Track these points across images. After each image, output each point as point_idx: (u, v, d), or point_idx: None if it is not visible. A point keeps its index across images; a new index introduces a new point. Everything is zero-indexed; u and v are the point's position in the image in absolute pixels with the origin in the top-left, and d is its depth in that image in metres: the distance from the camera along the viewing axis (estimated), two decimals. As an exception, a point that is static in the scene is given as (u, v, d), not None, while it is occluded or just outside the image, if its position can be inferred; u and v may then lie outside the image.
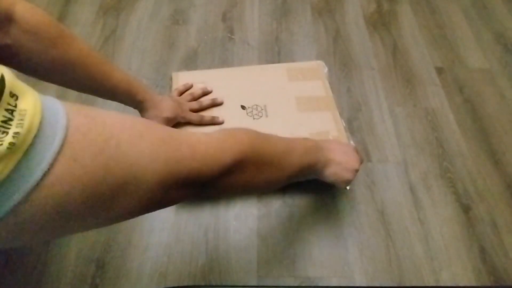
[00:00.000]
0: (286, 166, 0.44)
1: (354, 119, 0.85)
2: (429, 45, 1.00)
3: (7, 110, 0.19)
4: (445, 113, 0.87)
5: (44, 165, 0.20)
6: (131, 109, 0.65)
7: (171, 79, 0.82)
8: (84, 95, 0.61)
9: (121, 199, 0.26)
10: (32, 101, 0.20)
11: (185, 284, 0.64)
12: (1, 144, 0.18)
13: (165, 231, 0.69)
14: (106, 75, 0.57)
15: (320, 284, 0.65)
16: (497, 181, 0.77)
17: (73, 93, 0.60)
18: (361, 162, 0.61)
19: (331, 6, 1.10)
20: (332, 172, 0.56)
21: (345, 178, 0.57)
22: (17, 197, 0.19)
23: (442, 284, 0.65)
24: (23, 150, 0.19)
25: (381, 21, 1.06)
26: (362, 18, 1.07)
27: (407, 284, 0.65)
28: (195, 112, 0.73)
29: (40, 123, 0.20)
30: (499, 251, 0.68)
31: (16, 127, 0.19)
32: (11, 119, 0.19)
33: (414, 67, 0.96)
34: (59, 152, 0.21)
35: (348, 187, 0.72)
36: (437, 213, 0.72)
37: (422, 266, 0.67)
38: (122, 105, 0.64)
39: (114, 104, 0.63)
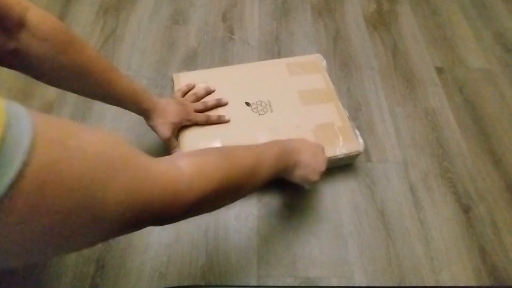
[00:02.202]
0: (255, 182, 0.45)
1: (354, 119, 0.85)
2: (429, 45, 1.00)
3: None
4: (445, 113, 0.87)
5: (2, 189, 0.18)
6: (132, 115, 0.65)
7: (172, 80, 0.82)
8: (83, 98, 0.61)
9: (85, 231, 0.25)
10: None
11: (185, 284, 0.64)
12: None
13: (165, 231, 0.69)
14: (113, 83, 0.57)
15: (320, 284, 0.65)
16: (497, 181, 0.77)
17: (72, 93, 0.60)
18: (325, 162, 0.61)
19: (331, 6, 1.10)
20: (299, 175, 0.57)
21: (311, 180, 0.58)
22: None
23: (442, 284, 0.65)
24: None
25: (381, 21, 1.06)
26: (362, 18, 1.07)
27: (407, 284, 0.65)
28: (200, 112, 0.73)
29: (5, 130, 0.18)
30: (499, 251, 0.68)
31: None
32: None
33: (414, 67, 0.96)
34: (20, 175, 0.19)
35: (311, 187, 0.73)
36: (437, 213, 0.72)
37: (422, 266, 0.67)
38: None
39: (114, 108, 0.63)
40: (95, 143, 0.25)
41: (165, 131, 0.66)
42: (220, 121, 0.73)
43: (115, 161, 0.27)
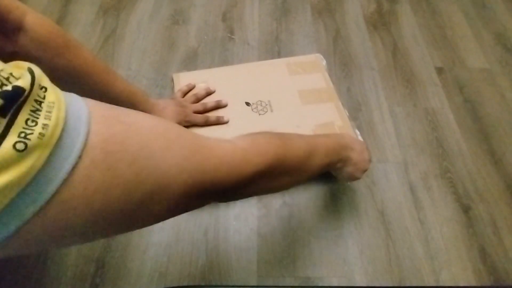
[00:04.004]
0: (307, 170, 0.45)
1: (354, 119, 0.85)
2: (429, 45, 1.00)
3: (36, 101, 0.19)
4: (445, 113, 0.87)
5: (72, 159, 0.20)
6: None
7: (172, 80, 0.82)
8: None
9: (146, 207, 0.26)
10: (57, 95, 0.21)
11: (185, 284, 0.64)
12: (32, 133, 0.18)
13: (165, 231, 0.69)
14: (109, 85, 0.58)
15: (320, 284, 0.65)
16: (497, 181, 0.77)
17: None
18: (370, 161, 0.62)
19: (331, 6, 1.10)
20: (348, 171, 0.57)
21: (356, 177, 0.59)
22: (50, 190, 0.19)
23: (442, 284, 0.65)
24: (53, 143, 0.19)
25: (381, 21, 1.06)
26: (362, 18, 1.07)
27: (407, 284, 0.65)
28: (199, 113, 0.73)
29: (65, 117, 0.20)
30: (499, 251, 0.68)
31: (45, 118, 0.19)
32: (39, 110, 0.19)
33: (414, 67, 0.96)
34: (83, 150, 0.20)
35: (350, 183, 0.74)
36: (437, 213, 0.72)
37: (422, 266, 0.67)
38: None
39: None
40: (146, 119, 0.27)
41: None
42: (219, 122, 0.73)
43: (169, 132, 0.28)
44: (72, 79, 0.54)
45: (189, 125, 0.72)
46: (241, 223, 0.71)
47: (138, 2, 1.09)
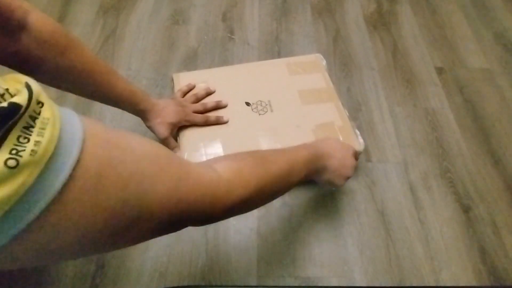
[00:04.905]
0: (287, 186, 0.46)
1: (354, 119, 0.85)
2: (429, 45, 1.00)
3: (30, 116, 0.19)
4: (445, 113, 0.87)
5: (62, 178, 0.20)
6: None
7: (172, 80, 0.82)
8: (83, 98, 0.61)
9: (130, 230, 0.26)
10: (52, 111, 0.20)
11: (185, 284, 0.64)
12: (24, 150, 0.18)
13: (165, 231, 0.69)
14: (110, 85, 0.58)
15: (320, 284, 0.65)
16: (497, 181, 0.77)
17: (72, 94, 0.61)
18: (355, 167, 0.62)
19: (331, 6, 1.10)
20: (325, 179, 0.57)
21: (336, 185, 0.59)
22: (38, 208, 0.19)
23: (442, 284, 0.65)
24: (45, 160, 0.19)
25: (381, 21, 1.06)
26: (362, 18, 1.07)
27: (407, 284, 0.65)
28: (199, 113, 0.73)
29: (59, 134, 0.20)
30: (499, 251, 0.68)
31: (37, 135, 0.18)
32: (32, 126, 0.19)
33: (414, 67, 0.96)
34: (76, 171, 0.20)
35: (335, 189, 0.74)
36: (437, 213, 0.72)
37: (422, 266, 0.67)
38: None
39: (113, 108, 0.64)
40: (141, 143, 0.28)
41: (163, 131, 0.67)
42: (218, 122, 0.73)
43: (160, 160, 0.28)
44: (74, 79, 0.54)
45: (189, 124, 0.72)
46: (241, 223, 0.71)
47: (138, 2, 1.09)
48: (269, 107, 0.76)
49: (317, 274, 0.65)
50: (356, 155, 0.63)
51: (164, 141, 0.68)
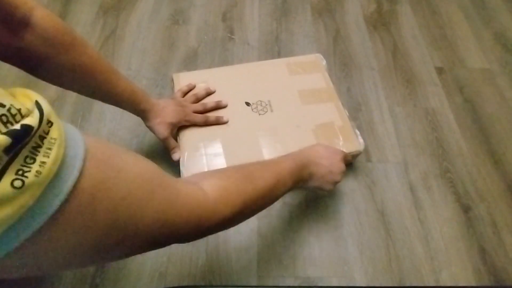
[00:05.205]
0: (274, 196, 0.47)
1: (354, 119, 0.85)
2: (429, 45, 1.00)
3: (40, 136, 0.19)
4: (445, 113, 0.87)
5: (61, 198, 0.20)
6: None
7: (172, 80, 0.82)
8: (84, 97, 0.61)
9: (118, 248, 0.27)
10: (60, 131, 0.20)
11: (185, 284, 0.64)
12: (30, 171, 0.18)
13: (165, 231, 0.69)
14: (112, 84, 0.58)
15: (320, 284, 0.65)
16: (497, 181, 0.77)
17: (72, 93, 0.61)
18: (347, 164, 0.63)
19: (331, 6, 1.10)
20: (313, 186, 0.58)
21: (326, 189, 0.60)
22: (34, 227, 0.19)
23: (442, 284, 0.65)
24: (48, 181, 0.19)
25: (381, 21, 1.06)
26: (362, 18, 1.07)
27: (407, 284, 0.65)
28: (199, 113, 0.73)
29: (63, 154, 0.20)
30: (499, 251, 0.68)
31: (43, 156, 0.19)
32: (40, 146, 0.19)
33: (414, 67, 0.96)
34: (72, 192, 0.21)
35: (327, 193, 0.74)
36: (437, 213, 0.72)
37: (422, 266, 0.67)
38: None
39: (113, 108, 0.64)
40: (136, 164, 0.28)
41: (163, 130, 0.67)
42: (218, 122, 0.73)
43: (152, 182, 0.29)
44: (76, 77, 0.54)
45: (188, 124, 0.72)
46: (241, 223, 0.71)
47: (138, 2, 1.09)
48: (269, 107, 0.76)
49: (317, 274, 0.65)
50: (346, 159, 0.64)
51: (164, 141, 0.68)
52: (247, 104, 0.76)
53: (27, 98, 0.20)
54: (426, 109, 0.88)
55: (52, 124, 0.20)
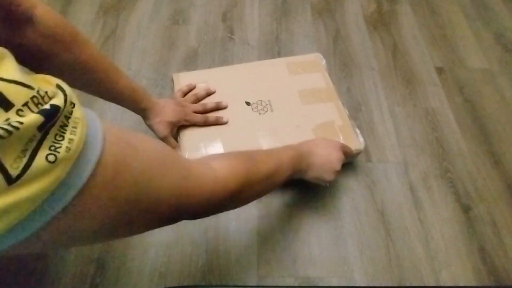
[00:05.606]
0: (274, 182, 0.49)
1: (354, 119, 0.84)
2: (429, 45, 1.00)
3: (65, 116, 0.21)
4: (445, 113, 0.87)
5: (87, 173, 0.21)
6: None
7: (172, 80, 0.82)
8: (85, 95, 0.61)
9: (137, 221, 0.29)
10: (81, 111, 0.22)
11: (185, 284, 0.64)
12: (60, 147, 0.19)
13: (165, 231, 0.69)
14: (113, 82, 0.59)
15: (320, 284, 0.65)
16: (497, 181, 0.77)
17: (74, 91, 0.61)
18: (348, 156, 0.65)
19: (331, 6, 1.10)
20: (313, 176, 0.60)
21: (325, 180, 0.61)
22: (65, 200, 0.21)
23: (442, 284, 0.65)
24: (76, 156, 0.21)
25: (381, 21, 1.06)
26: (362, 18, 1.07)
27: (407, 284, 0.65)
28: (199, 113, 0.73)
29: (86, 133, 0.22)
30: (499, 251, 0.68)
31: (71, 133, 0.20)
32: (66, 125, 0.20)
33: (414, 67, 0.96)
34: (97, 167, 0.22)
35: (328, 184, 0.73)
36: (437, 213, 0.72)
37: (422, 266, 0.67)
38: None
39: (114, 107, 0.64)
40: (151, 142, 0.30)
41: (162, 129, 0.67)
42: (218, 122, 0.73)
43: (167, 159, 0.31)
44: (78, 74, 0.54)
45: (188, 124, 0.72)
46: (241, 223, 0.71)
47: (138, 2, 1.09)
48: (269, 107, 0.76)
49: (317, 274, 0.65)
50: (344, 150, 0.65)
51: (163, 140, 0.68)
52: (247, 103, 0.77)
53: (48, 83, 0.22)
54: (426, 109, 0.88)
55: (74, 105, 0.22)
